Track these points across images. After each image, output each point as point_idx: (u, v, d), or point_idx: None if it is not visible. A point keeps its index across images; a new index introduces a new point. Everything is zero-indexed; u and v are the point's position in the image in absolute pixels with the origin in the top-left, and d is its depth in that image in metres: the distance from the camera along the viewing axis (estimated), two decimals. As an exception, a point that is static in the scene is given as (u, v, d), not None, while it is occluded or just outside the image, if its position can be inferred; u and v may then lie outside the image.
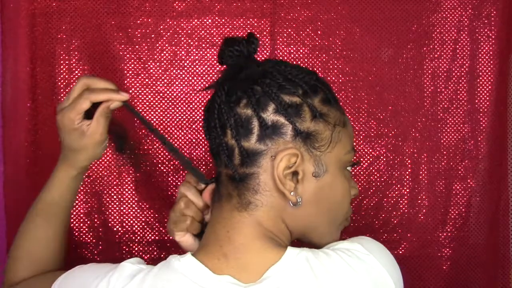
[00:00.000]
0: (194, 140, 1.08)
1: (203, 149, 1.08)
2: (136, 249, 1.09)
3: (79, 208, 1.07)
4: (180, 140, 1.08)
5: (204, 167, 1.08)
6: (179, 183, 1.08)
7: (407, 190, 1.13)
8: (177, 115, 1.08)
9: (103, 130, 0.75)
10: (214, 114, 0.63)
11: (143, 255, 1.09)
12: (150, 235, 1.09)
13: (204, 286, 0.58)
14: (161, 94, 1.08)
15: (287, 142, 0.60)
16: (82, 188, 1.07)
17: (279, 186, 0.60)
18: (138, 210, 1.08)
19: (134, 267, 0.62)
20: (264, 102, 0.60)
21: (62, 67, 1.06)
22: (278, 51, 1.09)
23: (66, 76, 1.06)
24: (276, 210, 0.62)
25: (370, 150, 1.12)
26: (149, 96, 1.08)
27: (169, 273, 0.60)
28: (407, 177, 1.12)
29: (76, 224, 1.07)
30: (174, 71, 1.08)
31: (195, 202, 0.72)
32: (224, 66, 0.66)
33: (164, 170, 1.08)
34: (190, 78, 1.08)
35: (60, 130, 0.75)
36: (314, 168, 0.61)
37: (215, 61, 1.08)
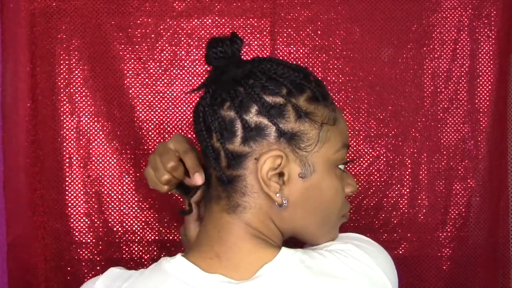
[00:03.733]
0: (194, 140, 1.08)
1: (203, 149, 1.08)
2: (136, 249, 1.09)
3: (79, 208, 1.07)
4: (180, 140, 1.08)
5: (204, 167, 1.08)
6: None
7: (407, 190, 1.12)
8: (177, 115, 1.08)
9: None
10: (200, 117, 0.63)
11: (143, 255, 1.09)
12: (150, 235, 1.09)
13: (195, 285, 0.58)
14: (161, 94, 1.08)
15: (271, 143, 0.59)
16: (82, 188, 1.07)
17: (264, 188, 0.59)
18: (138, 210, 1.08)
19: (123, 271, 0.62)
20: (246, 104, 0.59)
21: (62, 67, 1.06)
22: (278, 51, 1.09)
23: (66, 76, 1.06)
24: (264, 211, 0.61)
25: (370, 150, 1.11)
26: (149, 96, 1.08)
27: (159, 275, 0.60)
28: (407, 177, 1.12)
29: (76, 224, 1.07)
30: (174, 71, 1.08)
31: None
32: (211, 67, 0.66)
33: (164, 170, 1.08)
34: (190, 78, 1.08)
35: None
36: (300, 169, 0.60)
37: (215, 61, 1.08)
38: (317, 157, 0.61)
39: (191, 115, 1.08)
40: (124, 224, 1.08)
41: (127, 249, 1.09)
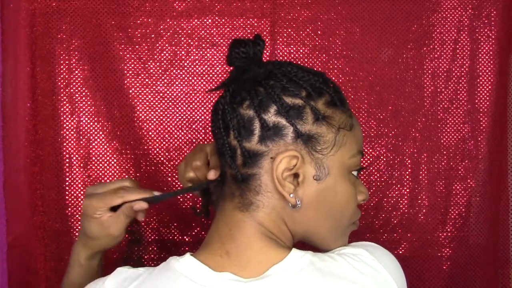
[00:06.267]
0: (194, 140, 1.08)
1: (203, 149, 1.08)
2: (136, 249, 1.09)
3: (79, 208, 1.07)
4: (180, 140, 1.08)
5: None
6: (178, 183, 1.08)
7: (407, 190, 1.12)
8: (177, 115, 1.08)
9: (120, 227, 0.73)
10: (219, 114, 0.63)
11: (143, 255, 1.09)
12: (150, 235, 1.09)
13: (204, 284, 0.59)
14: (161, 94, 1.08)
15: (287, 144, 0.60)
16: (82, 188, 1.07)
17: (278, 187, 0.60)
18: (138, 210, 1.08)
19: (131, 270, 0.62)
20: (266, 104, 0.60)
21: (62, 67, 1.06)
22: (278, 51, 1.09)
23: (66, 76, 1.06)
24: (277, 211, 0.62)
25: (370, 150, 1.12)
26: (149, 96, 1.08)
27: (169, 274, 0.60)
28: (407, 177, 1.12)
29: (76, 224, 1.07)
30: (174, 71, 1.08)
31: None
32: (232, 67, 0.66)
33: (164, 170, 1.08)
34: (190, 78, 1.08)
35: (82, 214, 0.74)
36: (315, 171, 0.61)
37: (215, 61, 1.08)
38: (332, 160, 0.62)
39: (191, 115, 1.08)
40: (124, 224, 1.08)
41: (127, 249, 1.08)
